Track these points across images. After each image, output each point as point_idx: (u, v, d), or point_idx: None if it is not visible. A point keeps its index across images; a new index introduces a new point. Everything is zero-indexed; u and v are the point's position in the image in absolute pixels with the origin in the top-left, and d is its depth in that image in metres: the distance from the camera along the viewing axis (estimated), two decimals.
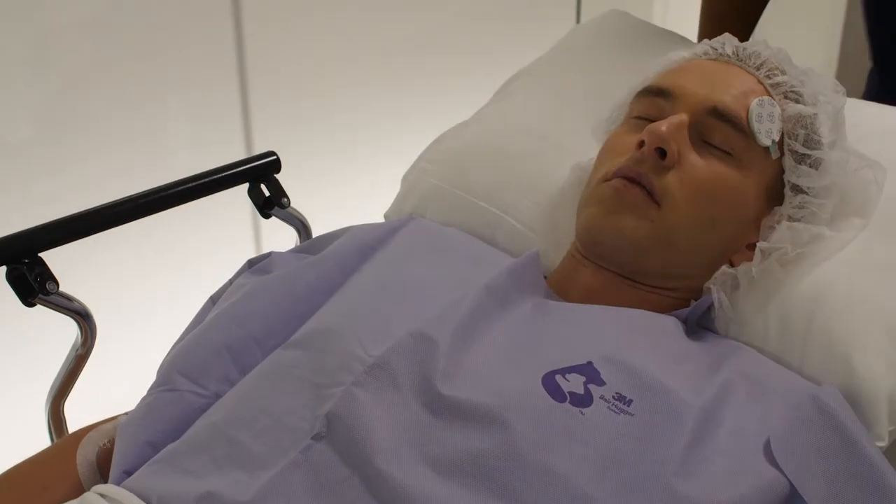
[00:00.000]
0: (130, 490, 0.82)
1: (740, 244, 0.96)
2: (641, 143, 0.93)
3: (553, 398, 0.79)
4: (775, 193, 0.97)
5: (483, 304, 0.88)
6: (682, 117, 0.93)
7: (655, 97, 0.98)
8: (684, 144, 0.93)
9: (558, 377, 0.81)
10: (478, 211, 1.14)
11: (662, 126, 0.91)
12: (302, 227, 1.21)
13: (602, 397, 0.80)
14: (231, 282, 1.08)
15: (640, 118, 0.98)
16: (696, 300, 0.96)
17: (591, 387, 0.80)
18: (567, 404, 0.79)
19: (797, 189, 0.97)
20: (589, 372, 0.82)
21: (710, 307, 0.96)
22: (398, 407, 0.79)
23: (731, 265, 0.96)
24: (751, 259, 0.95)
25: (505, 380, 0.81)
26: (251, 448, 0.81)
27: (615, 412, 0.79)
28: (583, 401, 0.79)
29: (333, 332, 0.88)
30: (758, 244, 0.95)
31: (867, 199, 0.98)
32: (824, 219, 0.97)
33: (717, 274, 0.95)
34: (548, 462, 0.75)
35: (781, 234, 0.95)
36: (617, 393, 0.80)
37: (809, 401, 0.82)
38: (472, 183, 1.16)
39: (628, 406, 0.79)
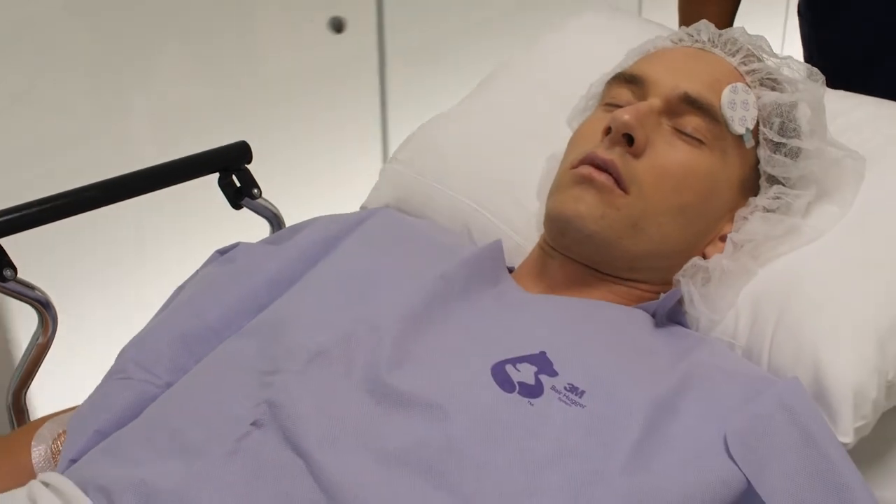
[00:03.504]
0: (73, 479, 0.80)
1: (713, 235, 0.93)
2: (609, 130, 0.90)
3: (501, 388, 0.76)
4: (750, 183, 0.94)
5: (437, 293, 0.86)
6: (652, 103, 0.90)
7: (627, 84, 0.95)
8: (654, 131, 0.90)
9: (508, 367, 0.78)
10: (453, 204, 1.12)
11: (630, 112, 0.88)
12: (274, 219, 1.18)
13: (553, 388, 0.77)
14: (198, 272, 1.07)
15: (610, 105, 0.95)
16: (666, 293, 0.92)
17: (543, 377, 0.78)
18: (515, 394, 0.76)
19: (773, 179, 0.93)
20: (541, 362, 0.79)
21: (681, 300, 0.93)
22: (340, 395, 0.77)
23: (704, 257, 0.93)
24: (723, 251, 0.92)
25: (452, 369, 0.79)
26: (191, 436, 0.79)
27: (566, 403, 0.76)
28: (532, 391, 0.77)
29: (282, 322, 0.86)
30: (729, 235, 0.92)
31: (845, 190, 0.95)
32: (800, 210, 0.93)
33: (688, 266, 0.92)
34: (488, 455, 0.72)
35: (755, 226, 0.92)
36: (569, 384, 0.77)
37: (770, 395, 0.79)
38: (448, 176, 1.13)
39: (580, 397, 0.76)
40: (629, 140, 0.88)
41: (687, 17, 1.39)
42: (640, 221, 0.88)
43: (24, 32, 1.53)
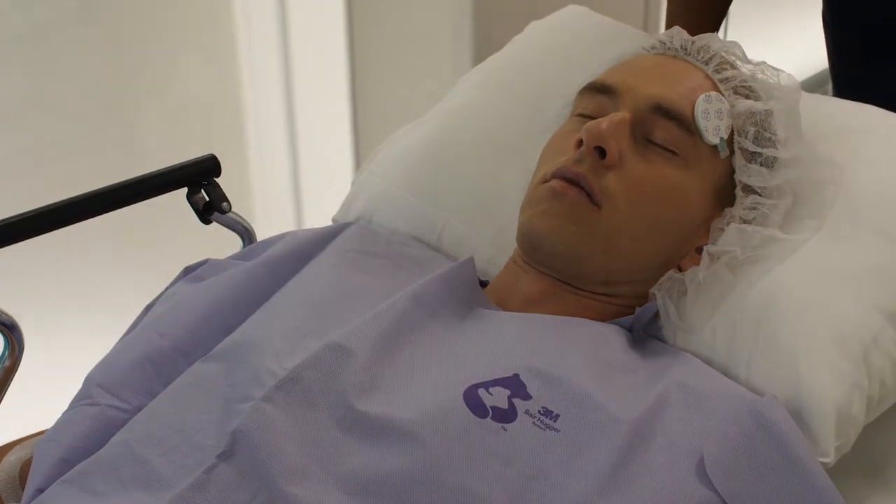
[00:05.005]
0: None
1: (688, 247, 0.92)
2: (580, 143, 0.88)
3: (474, 413, 0.75)
4: (725, 194, 0.92)
5: (409, 313, 0.84)
6: (624, 115, 0.88)
7: (598, 94, 0.93)
8: (626, 143, 0.88)
9: (481, 391, 0.76)
10: (423, 214, 1.10)
11: (602, 124, 0.87)
12: (245, 233, 1.16)
13: (527, 412, 0.75)
14: (167, 290, 1.04)
15: (582, 116, 0.93)
16: (642, 307, 0.91)
17: (516, 401, 0.76)
18: (489, 420, 0.75)
19: (748, 189, 0.92)
20: (514, 385, 0.77)
21: (658, 314, 0.91)
22: (309, 423, 0.75)
23: (680, 269, 0.91)
24: (699, 263, 0.90)
25: (424, 394, 0.77)
26: (158, 467, 0.77)
27: (540, 428, 0.74)
28: (506, 416, 0.75)
29: (249, 345, 0.85)
30: (705, 247, 0.90)
31: (822, 199, 0.93)
32: (777, 220, 0.92)
33: (663, 279, 0.90)
34: (463, 482, 0.71)
35: (731, 237, 0.90)
36: (543, 408, 0.76)
37: (749, 414, 0.77)
38: (418, 185, 1.11)
39: (554, 421, 0.75)
40: (601, 153, 0.86)
41: (672, 19, 1.36)
42: (613, 236, 0.87)
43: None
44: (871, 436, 0.87)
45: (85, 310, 1.53)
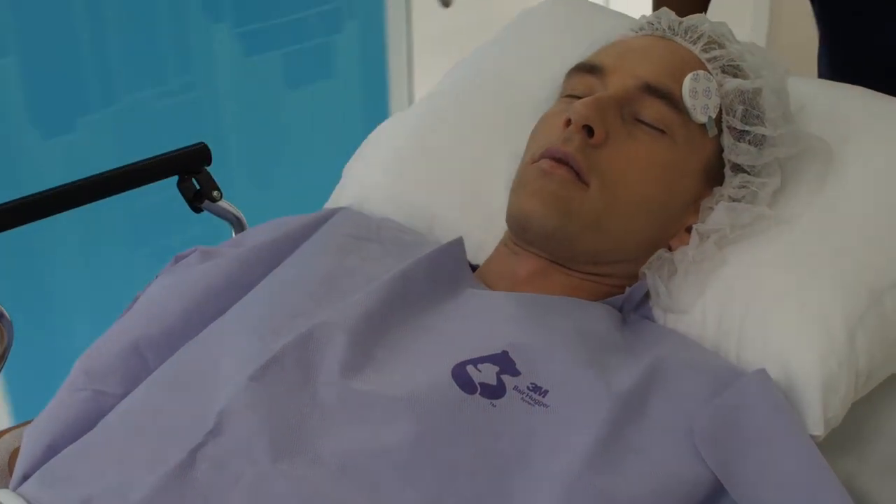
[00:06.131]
0: (24, 496, 0.77)
1: (678, 227, 0.91)
2: (568, 122, 0.88)
3: (463, 390, 0.75)
4: (715, 173, 0.92)
5: (397, 292, 0.84)
6: (611, 93, 0.88)
7: (587, 74, 0.93)
8: (614, 122, 0.88)
9: (469, 367, 0.76)
10: (415, 202, 1.09)
11: (588, 103, 0.86)
12: (236, 221, 1.16)
13: (516, 388, 0.75)
14: (157, 277, 1.04)
15: (571, 96, 0.93)
16: (632, 286, 0.91)
17: (505, 377, 0.76)
18: (477, 396, 0.74)
19: (737, 168, 0.92)
20: (503, 361, 0.77)
21: (648, 293, 0.91)
22: (297, 401, 0.75)
23: (669, 249, 0.91)
24: (689, 242, 0.90)
25: (413, 372, 0.77)
26: (144, 448, 0.77)
27: (529, 403, 0.74)
28: (495, 392, 0.75)
29: (237, 327, 0.84)
30: (695, 226, 0.90)
31: (811, 177, 0.93)
32: (766, 198, 0.91)
33: (653, 258, 0.90)
34: (453, 458, 0.71)
35: (720, 216, 0.90)
36: (532, 383, 0.75)
37: (737, 388, 0.77)
38: (408, 173, 1.11)
39: (543, 397, 0.75)
40: (589, 132, 0.86)
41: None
42: (602, 215, 0.87)
43: None
44: (861, 412, 0.87)
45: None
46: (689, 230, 0.91)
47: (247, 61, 2.16)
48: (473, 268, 0.97)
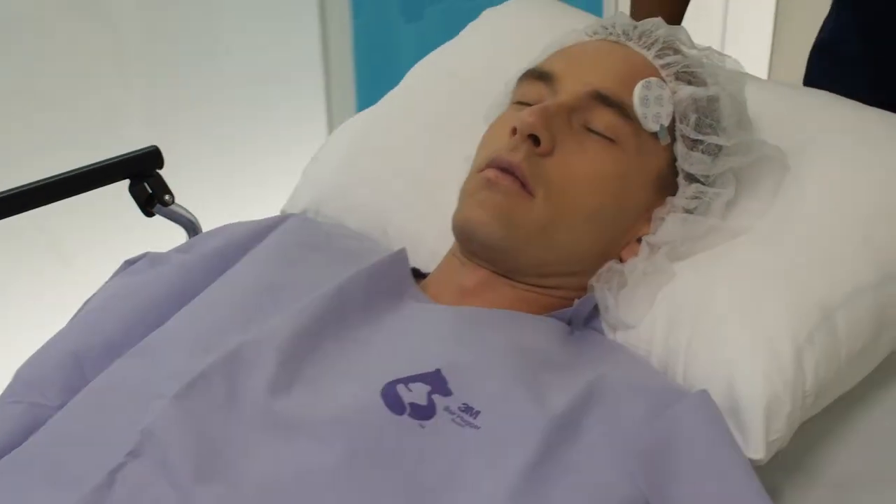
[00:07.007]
0: None
1: (630, 237, 0.89)
2: (515, 131, 0.85)
3: (391, 410, 0.73)
4: (667, 182, 0.89)
5: (333, 307, 0.82)
6: (560, 102, 0.86)
7: (537, 81, 0.90)
8: (563, 131, 0.85)
9: (400, 387, 0.74)
10: (369, 205, 1.07)
11: (535, 112, 0.84)
12: (190, 226, 1.14)
13: (447, 408, 0.73)
14: (106, 284, 1.02)
15: (521, 103, 0.91)
16: (581, 298, 0.88)
17: (436, 397, 0.74)
18: (406, 417, 0.72)
19: (691, 177, 0.89)
20: (435, 380, 0.75)
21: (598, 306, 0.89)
22: (221, 421, 0.73)
23: (620, 260, 0.89)
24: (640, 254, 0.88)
25: (341, 391, 0.75)
26: (68, 466, 0.75)
27: (459, 424, 0.72)
28: (424, 412, 0.73)
29: (170, 340, 0.83)
30: (645, 238, 0.88)
31: (766, 187, 0.91)
32: (719, 209, 0.89)
33: (603, 270, 0.88)
34: (379, 480, 0.69)
35: (672, 228, 0.88)
36: (464, 404, 0.73)
37: (677, 411, 0.75)
38: (364, 176, 1.09)
39: (475, 418, 0.73)
40: (535, 141, 0.84)
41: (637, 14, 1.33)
42: (548, 226, 0.84)
43: None
44: (812, 432, 0.85)
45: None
46: (640, 241, 0.89)
47: None
48: (425, 276, 0.95)
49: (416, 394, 0.74)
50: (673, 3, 1.26)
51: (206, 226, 1.15)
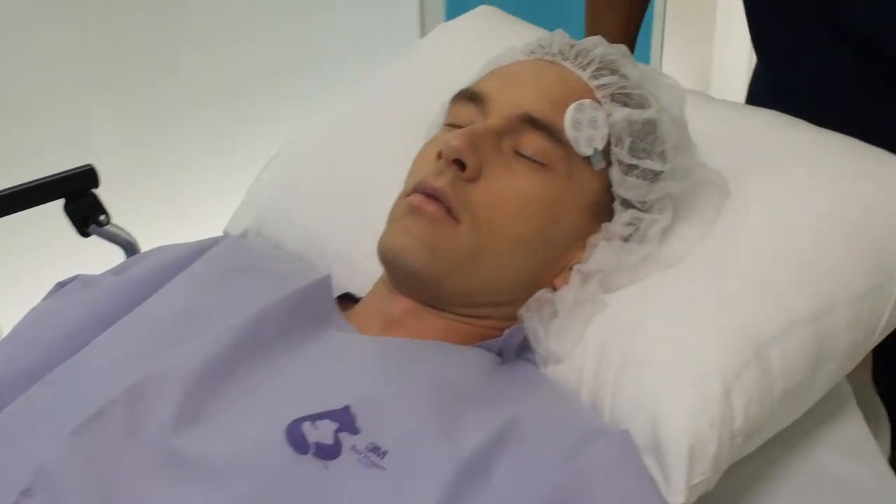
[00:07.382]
0: None
1: (562, 265, 0.86)
2: (440, 155, 0.82)
3: (295, 450, 0.70)
4: (604, 208, 0.86)
5: (248, 336, 0.79)
6: (488, 125, 0.83)
7: (468, 102, 0.87)
8: (491, 155, 0.82)
9: (306, 425, 0.71)
10: (309, 226, 1.04)
11: (461, 136, 0.81)
12: (128, 246, 1.11)
13: (354, 448, 0.70)
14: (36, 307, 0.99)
15: (452, 125, 0.88)
16: (510, 328, 0.85)
17: (343, 435, 0.71)
18: (309, 457, 0.69)
19: (627, 203, 0.86)
20: (343, 418, 0.72)
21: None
22: (119, 461, 0.70)
23: (553, 288, 0.86)
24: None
25: (246, 429, 0.72)
26: None
27: (365, 466, 0.69)
28: (330, 452, 0.70)
29: (83, 369, 0.80)
30: (576, 267, 0.85)
31: (705, 212, 0.87)
32: (655, 237, 0.86)
33: (532, 300, 0.85)
34: None
35: (605, 256, 0.84)
36: (371, 443, 0.70)
37: (595, 450, 0.72)
38: (304, 197, 1.06)
39: (382, 458, 0.69)
40: (461, 166, 0.81)
41: (589, 28, 1.30)
42: (475, 253, 0.81)
43: None
44: (746, 473, 0.81)
45: None
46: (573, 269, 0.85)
47: None
48: (357, 301, 0.92)
49: (322, 432, 0.71)
50: (629, 12, 1.23)
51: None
